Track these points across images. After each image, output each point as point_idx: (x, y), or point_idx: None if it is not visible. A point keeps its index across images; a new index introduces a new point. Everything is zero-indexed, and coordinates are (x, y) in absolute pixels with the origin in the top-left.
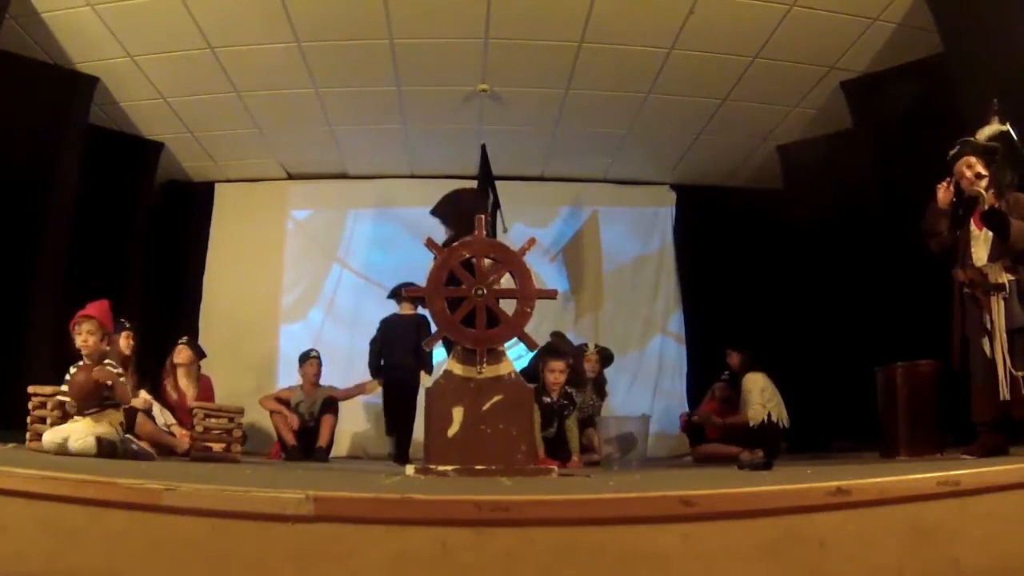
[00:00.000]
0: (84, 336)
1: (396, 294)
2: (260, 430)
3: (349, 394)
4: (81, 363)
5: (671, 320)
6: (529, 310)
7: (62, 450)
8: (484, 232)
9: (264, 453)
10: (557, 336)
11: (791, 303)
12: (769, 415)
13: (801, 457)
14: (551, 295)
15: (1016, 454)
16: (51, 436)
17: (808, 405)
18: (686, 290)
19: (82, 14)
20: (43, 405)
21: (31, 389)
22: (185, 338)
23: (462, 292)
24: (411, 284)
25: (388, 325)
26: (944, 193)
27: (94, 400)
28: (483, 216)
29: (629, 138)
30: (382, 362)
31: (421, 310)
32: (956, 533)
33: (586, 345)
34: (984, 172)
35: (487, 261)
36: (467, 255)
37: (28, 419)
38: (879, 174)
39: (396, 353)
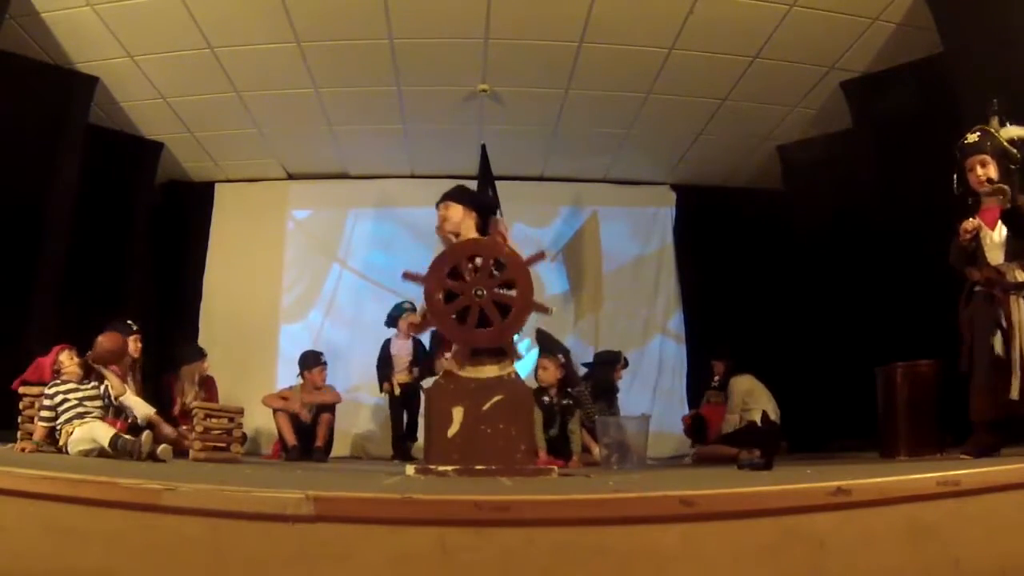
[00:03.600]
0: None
1: (393, 320)
2: (260, 430)
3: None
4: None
5: (671, 320)
6: (522, 321)
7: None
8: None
9: (264, 454)
10: (542, 335)
11: (791, 303)
12: (765, 414)
13: (801, 457)
14: (546, 310)
15: (1006, 454)
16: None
17: (808, 405)
18: (686, 290)
19: (82, 14)
20: (32, 405)
21: (22, 390)
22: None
23: (462, 288)
24: (407, 304)
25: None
26: (967, 233)
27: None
28: (495, 219)
29: (629, 138)
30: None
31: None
32: (956, 533)
33: (619, 355)
34: (995, 178)
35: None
36: (475, 254)
37: (19, 419)
38: (879, 174)
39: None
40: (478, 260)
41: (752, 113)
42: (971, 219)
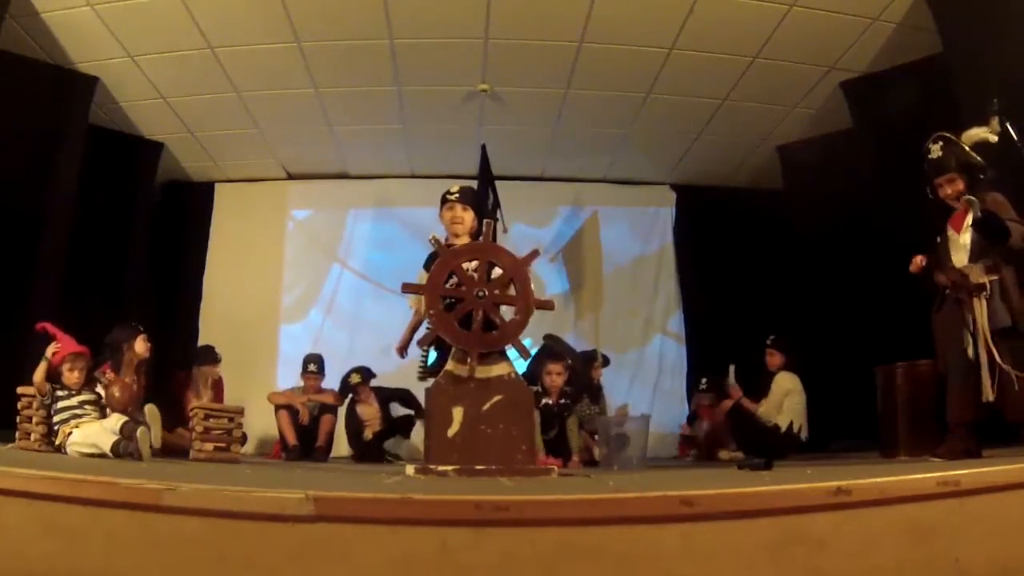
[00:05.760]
0: (78, 374)
1: (349, 383)
2: (261, 431)
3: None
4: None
5: (671, 320)
6: (526, 319)
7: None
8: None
9: (265, 454)
10: (552, 339)
11: (791, 303)
12: (791, 424)
13: (801, 457)
14: (549, 306)
15: (988, 455)
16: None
17: (808, 405)
18: (686, 290)
19: (82, 14)
20: (30, 405)
21: (20, 390)
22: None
23: (462, 293)
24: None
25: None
26: (916, 267)
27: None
28: (492, 221)
29: (629, 138)
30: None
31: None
32: (956, 533)
33: (595, 353)
34: (963, 190)
35: (490, 266)
36: (471, 258)
37: (17, 419)
38: (879, 174)
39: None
40: (474, 263)
41: (752, 113)
42: (918, 257)
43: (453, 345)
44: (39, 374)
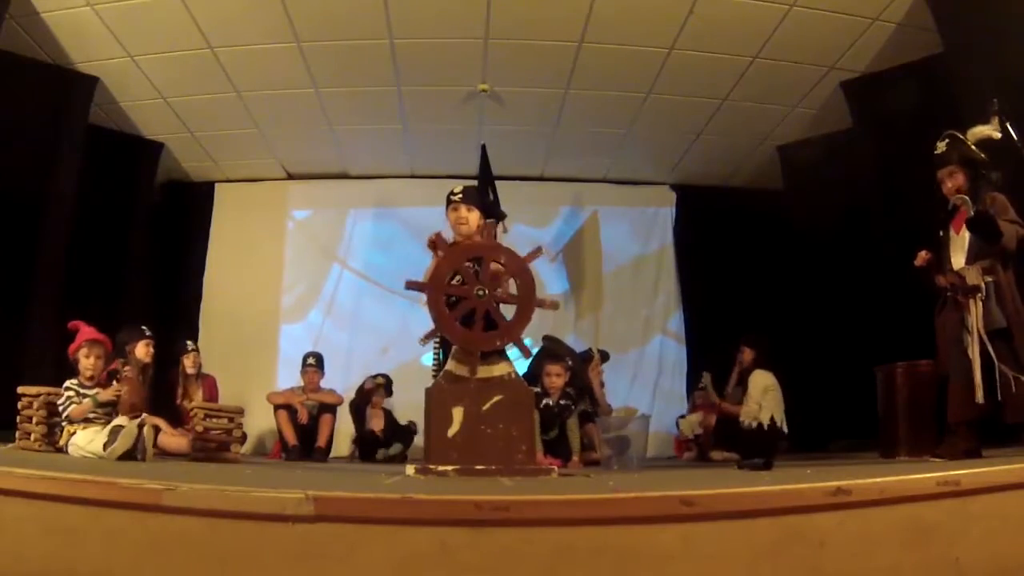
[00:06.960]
0: (94, 360)
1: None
2: (260, 430)
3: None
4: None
5: (671, 320)
6: (528, 318)
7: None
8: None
9: (264, 453)
10: (551, 340)
11: (791, 303)
12: (772, 419)
13: (801, 457)
14: (553, 306)
15: (988, 455)
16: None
17: (808, 405)
18: (686, 290)
19: (82, 14)
20: (30, 405)
21: (20, 390)
22: (193, 344)
23: (463, 291)
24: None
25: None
26: (921, 260)
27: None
28: (494, 221)
29: (629, 138)
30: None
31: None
32: (956, 533)
33: (590, 351)
34: (963, 187)
35: (493, 265)
36: (474, 256)
37: (18, 419)
38: (879, 174)
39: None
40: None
41: (752, 113)
42: (923, 252)
43: (453, 343)
44: (83, 409)
